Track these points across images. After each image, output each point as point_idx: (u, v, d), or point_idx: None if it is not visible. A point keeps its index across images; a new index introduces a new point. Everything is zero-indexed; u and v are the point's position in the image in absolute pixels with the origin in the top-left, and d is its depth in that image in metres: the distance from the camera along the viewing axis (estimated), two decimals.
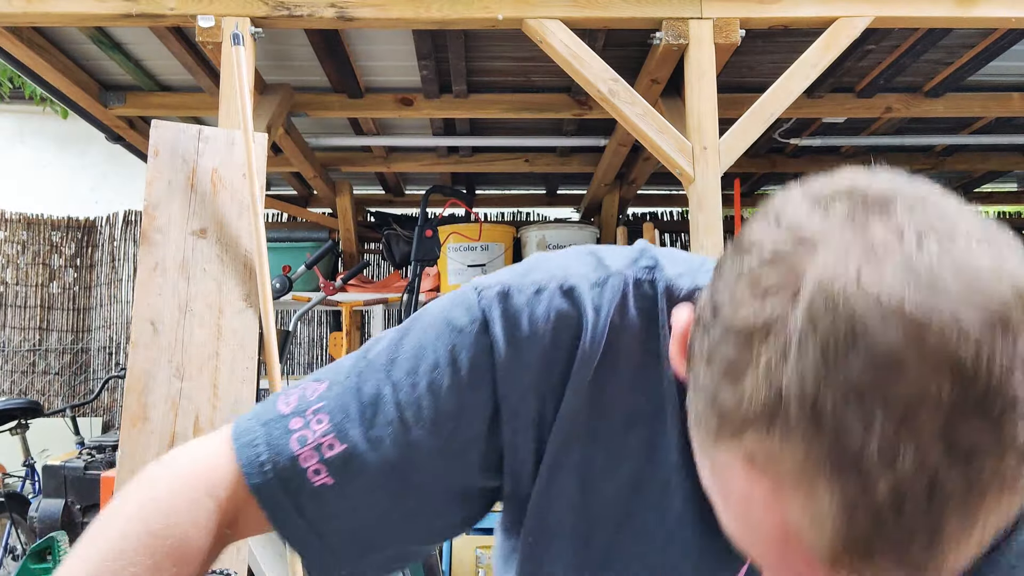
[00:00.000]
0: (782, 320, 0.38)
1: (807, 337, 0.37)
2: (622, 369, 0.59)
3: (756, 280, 0.41)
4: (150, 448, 2.10)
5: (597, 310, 0.59)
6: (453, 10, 2.59)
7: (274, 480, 0.58)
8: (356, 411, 0.59)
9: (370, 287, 4.41)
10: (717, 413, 0.41)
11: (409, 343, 0.61)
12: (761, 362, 0.39)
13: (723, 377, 0.41)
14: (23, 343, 6.02)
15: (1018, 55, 3.26)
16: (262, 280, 2.29)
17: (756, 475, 0.40)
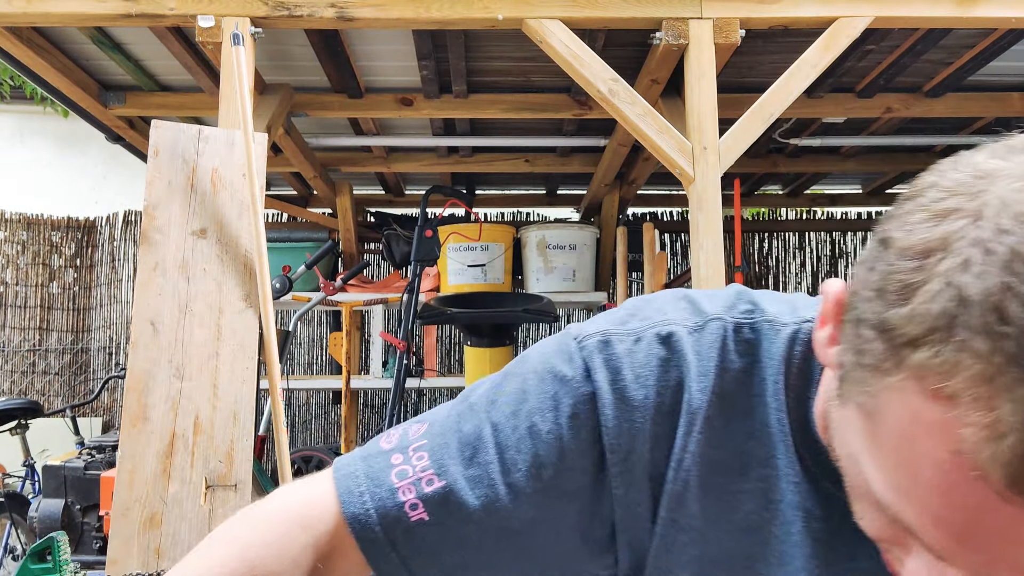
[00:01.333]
0: (963, 235, 0.38)
1: (992, 246, 0.37)
2: (730, 416, 0.58)
3: (932, 208, 0.40)
4: (150, 448, 2.10)
5: (699, 355, 0.59)
6: (453, 10, 2.59)
7: (372, 511, 0.58)
8: (456, 449, 0.59)
9: (370, 287, 4.41)
10: (885, 338, 0.40)
11: (510, 387, 0.61)
12: (939, 275, 0.38)
13: (895, 298, 0.39)
14: (23, 343, 6.02)
15: (1018, 55, 3.26)
16: (262, 280, 2.29)
17: (926, 397, 0.38)
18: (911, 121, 4.06)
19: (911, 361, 0.38)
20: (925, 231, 0.40)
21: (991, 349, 0.35)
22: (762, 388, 0.58)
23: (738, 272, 3.48)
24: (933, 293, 0.38)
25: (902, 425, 0.40)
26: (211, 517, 2.08)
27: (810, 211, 6.03)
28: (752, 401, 0.59)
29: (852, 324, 0.44)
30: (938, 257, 0.38)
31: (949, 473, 0.38)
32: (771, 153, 4.57)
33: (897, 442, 0.40)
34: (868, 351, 0.41)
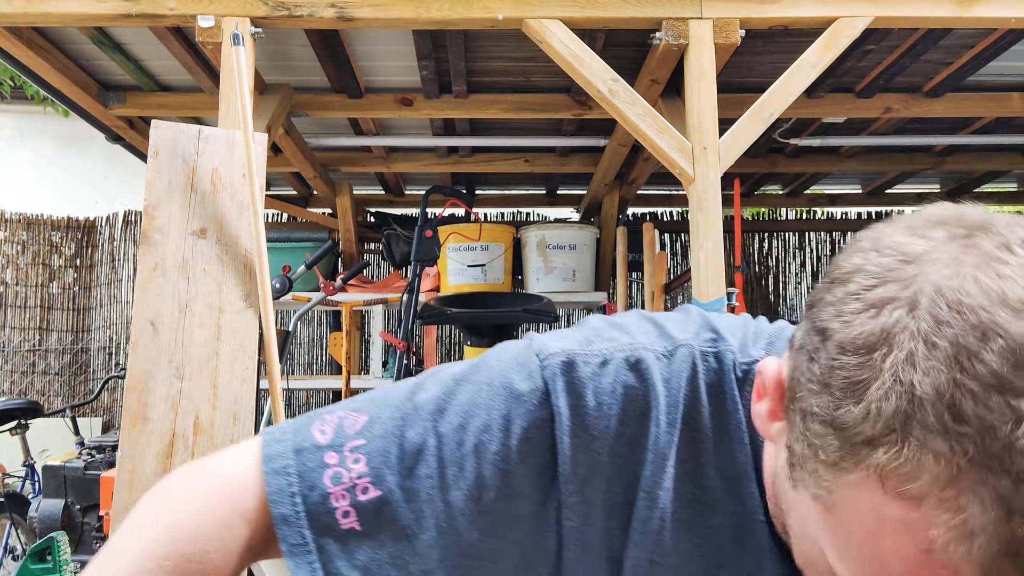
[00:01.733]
0: (903, 327, 0.38)
1: (935, 340, 0.36)
2: (699, 449, 0.56)
3: (866, 297, 0.40)
4: (150, 448, 2.10)
5: (668, 384, 0.56)
6: (453, 10, 2.59)
7: (302, 514, 0.55)
8: (396, 458, 0.56)
9: (370, 287, 4.41)
10: (840, 436, 0.39)
11: (462, 396, 0.58)
12: (886, 372, 0.37)
13: (844, 396, 0.39)
14: (23, 343, 6.02)
15: (1018, 55, 3.26)
16: (262, 280, 2.29)
17: (889, 498, 0.37)
18: (911, 121, 4.06)
19: (871, 461, 0.38)
20: (863, 323, 0.40)
21: (951, 450, 0.35)
22: (727, 421, 0.57)
23: (738, 272, 3.48)
24: (884, 391, 0.38)
25: (866, 522, 0.40)
26: None
27: (810, 211, 6.03)
28: (719, 435, 0.57)
29: (799, 415, 0.44)
30: (882, 352, 0.38)
31: (919, 570, 0.38)
32: (771, 153, 4.57)
33: (862, 537, 0.40)
34: (822, 447, 0.41)
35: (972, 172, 5.06)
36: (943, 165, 4.64)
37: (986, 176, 5.12)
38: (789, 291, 6.01)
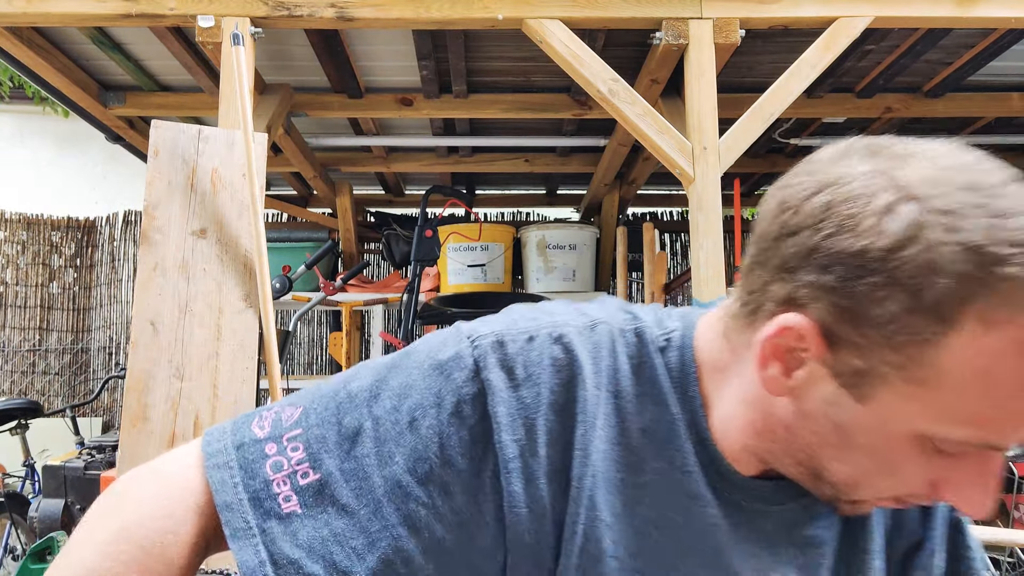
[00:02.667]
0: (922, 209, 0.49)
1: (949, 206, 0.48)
2: (624, 413, 0.62)
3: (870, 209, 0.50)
4: (150, 448, 2.10)
5: (592, 354, 0.62)
6: (453, 10, 2.59)
7: (244, 500, 0.58)
8: (334, 442, 0.59)
9: (370, 287, 4.41)
10: (931, 312, 0.48)
11: (395, 380, 0.61)
12: (940, 243, 0.48)
13: (921, 278, 0.48)
14: (23, 343, 6.02)
15: (1018, 55, 3.26)
16: (262, 280, 2.29)
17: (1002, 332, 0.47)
18: (911, 121, 4.05)
19: (972, 306, 0.47)
20: (890, 224, 0.49)
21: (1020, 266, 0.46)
22: (649, 388, 0.63)
23: (738, 272, 3.48)
24: (951, 253, 0.47)
25: (985, 368, 0.48)
26: None
27: None
28: (642, 400, 0.62)
29: (865, 332, 0.51)
30: (925, 232, 0.48)
31: None
32: (771, 153, 4.57)
33: (987, 384, 0.48)
34: (909, 334, 0.49)
35: None
36: None
37: None
38: None
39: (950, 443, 0.52)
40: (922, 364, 0.49)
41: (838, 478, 0.57)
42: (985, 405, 0.49)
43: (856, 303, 0.50)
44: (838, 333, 0.52)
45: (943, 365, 0.49)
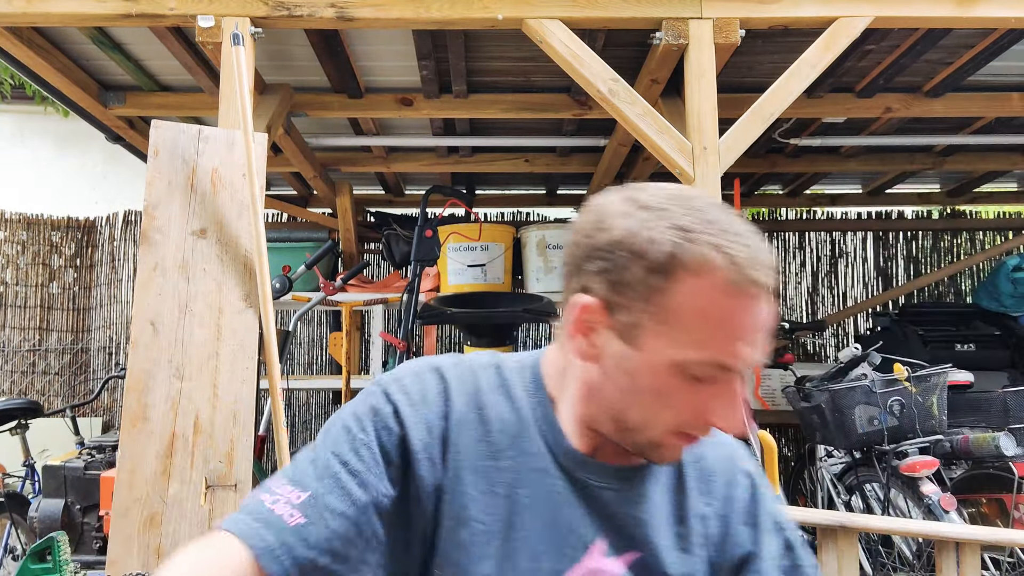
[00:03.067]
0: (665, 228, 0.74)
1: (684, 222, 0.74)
2: (484, 417, 0.86)
3: (647, 235, 0.74)
4: (150, 448, 2.10)
5: (459, 379, 0.88)
6: (453, 10, 2.59)
7: (259, 527, 0.76)
8: (308, 469, 0.82)
9: (370, 287, 4.41)
10: (659, 275, 0.73)
11: (336, 425, 0.85)
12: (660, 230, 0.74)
13: (652, 259, 0.74)
14: (23, 343, 6.02)
15: (1018, 55, 3.26)
16: (262, 280, 2.29)
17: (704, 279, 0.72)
18: (911, 121, 4.06)
19: (680, 267, 0.72)
20: (625, 224, 0.75)
21: (712, 247, 0.72)
22: (507, 398, 0.88)
23: None
24: (666, 235, 0.73)
25: (697, 303, 0.72)
26: (211, 517, 2.08)
27: (810, 211, 6.03)
28: (501, 407, 0.87)
29: (632, 300, 0.75)
30: (649, 223, 0.74)
31: (740, 299, 0.72)
32: (771, 153, 4.57)
33: (702, 315, 0.73)
34: (656, 293, 0.73)
35: (972, 172, 5.06)
36: (943, 165, 4.63)
37: (986, 176, 5.12)
38: (789, 291, 6.01)
39: (695, 366, 0.74)
40: (661, 308, 0.73)
41: (635, 422, 0.79)
42: (706, 331, 0.73)
43: (616, 276, 0.75)
44: (612, 301, 0.76)
45: (672, 306, 0.73)
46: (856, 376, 3.26)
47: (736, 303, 0.72)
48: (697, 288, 0.72)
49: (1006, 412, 3.23)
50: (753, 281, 0.72)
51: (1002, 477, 3.07)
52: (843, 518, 2.34)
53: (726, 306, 0.72)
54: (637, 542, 0.84)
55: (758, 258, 0.73)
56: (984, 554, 2.82)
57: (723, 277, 0.71)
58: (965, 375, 3.45)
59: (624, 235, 0.74)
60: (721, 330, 0.73)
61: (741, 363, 0.74)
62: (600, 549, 0.83)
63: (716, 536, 0.88)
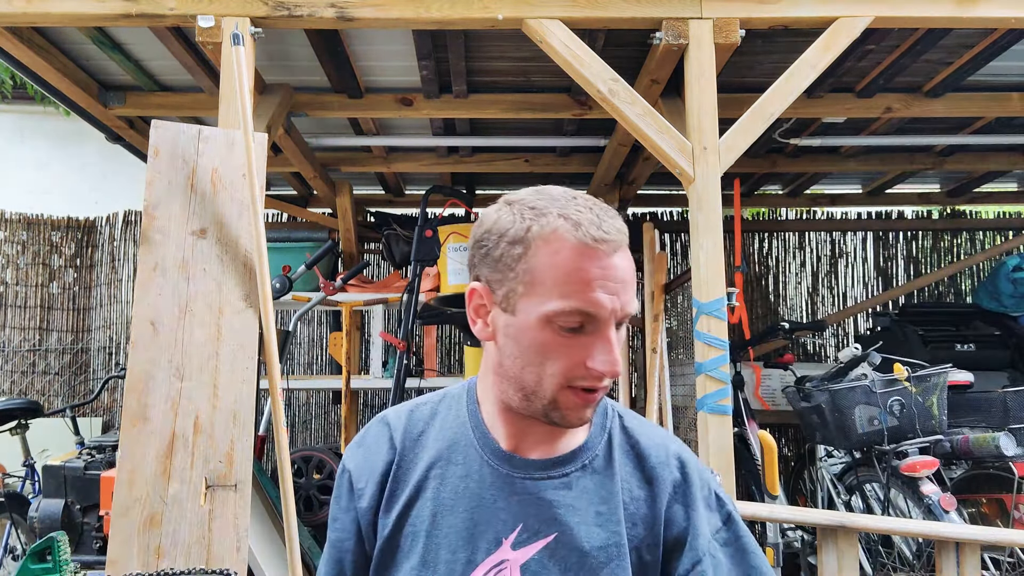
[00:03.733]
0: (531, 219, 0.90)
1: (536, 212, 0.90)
2: (434, 439, 1.01)
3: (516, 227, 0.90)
4: (150, 448, 2.10)
5: (405, 421, 1.04)
6: (453, 10, 2.59)
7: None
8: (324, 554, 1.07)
9: (370, 287, 4.41)
10: (520, 247, 0.89)
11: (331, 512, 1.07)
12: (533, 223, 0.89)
13: (512, 240, 0.90)
14: (23, 343, 6.02)
15: (1018, 55, 3.26)
16: (262, 280, 2.29)
17: (552, 244, 0.87)
18: (911, 121, 4.05)
19: (534, 236, 0.88)
20: (493, 214, 0.92)
21: (558, 217, 0.88)
22: (454, 418, 1.02)
23: (738, 272, 3.48)
24: (523, 214, 0.89)
25: (553, 262, 0.86)
26: (211, 517, 2.08)
27: (810, 211, 6.03)
28: (445, 428, 1.01)
29: (507, 275, 0.89)
30: (510, 209, 0.92)
31: (588, 253, 0.85)
32: (771, 153, 4.57)
33: (557, 271, 0.86)
34: (521, 263, 0.88)
35: (972, 172, 5.06)
36: (943, 165, 4.63)
37: (986, 176, 5.12)
38: (789, 291, 6.01)
39: (561, 316, 0.85)
40: (526, 272, 0.87)
41: (530, 383, 0.89)
42: (564, 284, 0.85)
43: (490, 257, 0.90)
44: (491, 279, 0.91)
45: (534, 269, 0.86)
46: (856, 376, 3.26)
47: (584, 257, 0.85)
48: (551, 250, 0.86)
49: (1006, 412, 3.23)
50: (597, 238, 0.85)
51: (1002, 477, 3.07)
52: (843, 518, 2.34)
53: (576, 260, 0.85)
54: (554, 524, 0.92)
55: (602, 220, 0.87)
56: (984, 554, 2.82)
57: (571, 237, 0.86)
58: (965, 375, 3.45)
59: (492, 223, 0.91)
60: (576, 281, 0.85)
61: (602, 309, 0.85)
62: (511, 541, 0.92)
63: (647, 516, 0.94)
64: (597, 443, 0.98)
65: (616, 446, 0.98)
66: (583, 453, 0.96)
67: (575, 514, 0.92)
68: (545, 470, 0.95)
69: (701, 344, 2.56)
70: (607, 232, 0.86)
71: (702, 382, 2.55)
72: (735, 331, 3.50)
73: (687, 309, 3.63)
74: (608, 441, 0.99)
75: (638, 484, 0.96)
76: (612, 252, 0.86)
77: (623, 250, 0.88)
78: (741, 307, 3.53)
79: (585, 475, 0.95)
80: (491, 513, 0.93)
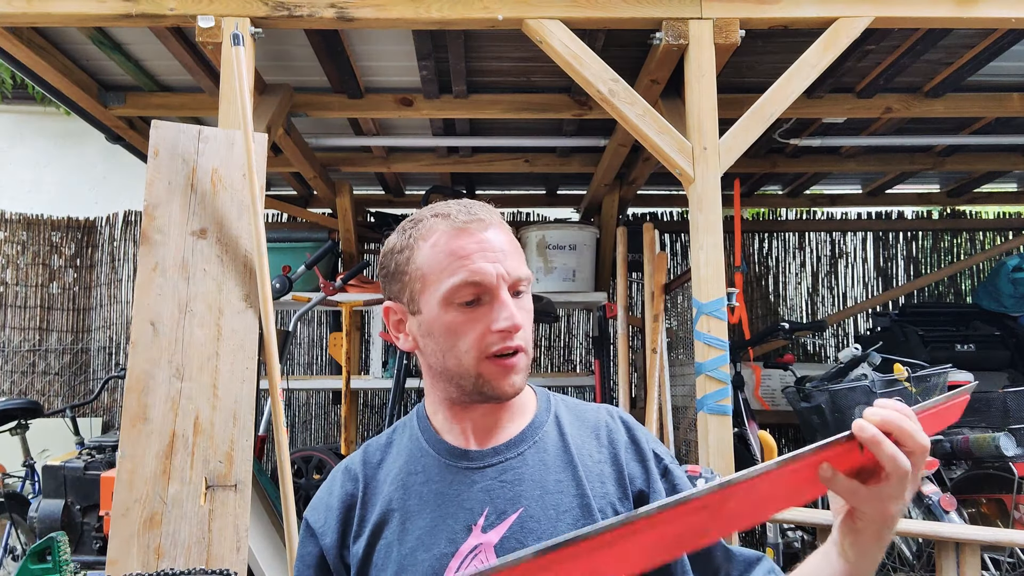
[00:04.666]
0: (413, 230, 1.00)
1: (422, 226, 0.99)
2: (398, 458, 1.04)
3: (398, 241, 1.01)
4: (150, 448, 2.10)
5: (358, 460, 1.06)
6: (453, 10, 2.59)
7: None
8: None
9: (370, 287, 4.41)
10: (405, 256, 0.98)
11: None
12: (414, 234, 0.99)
13: (400, 255, 0.99)
14: (23, 343, 6.02)
15: (1018, 55, 3.26)
16: (262, 280, 2.29)
17: (433, 240, 0.96)
18: (911, 121, 4.06)
19: (417, 238, 0.97)
20: (389, 236, 1.03)
21: (440, 218, 0.97)
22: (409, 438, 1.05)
23: (738, 272, 3.48)
24: (410, 225, 1.00)
25: (434, 252, 0.95)
26: (211, 517, 2.08)
27: (810, 211, 6.03)
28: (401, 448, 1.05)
29: (410, 286, 0.97)
30: (403, 225, 1.02)
31: (462, 233, 0.94)
32: (771, 153, 4.57)
33: (439, 255, 0.94)
34: (404, 260, 0.98)
35: (972, 172, 5.06)
36: (943, 165, 4.64)
37: (986, 176, 5.12)
38: (789, 291, 6.01)
39: (454, 291, 0.92)
40: (416, 269, 0.96)
41: (454, 367, 0.95)
42: (447, 264, 0.93)
43: (388, 273, 1.00)
44: (394, 292, 1.00)
45: (421, 264, 0.95)
46: (856, 376, 3.26)
47: (458, 237, 0.94)
48: (430, 243, 0.95)
49: (1006, 412, 3.23)
50: (466, 220, 0.94)
51: (1002, 477, 3.07)
52: None
53: (452, 242, 0.93)
54: (519, 500, 0.96)
55: (472, 208, 0.96)
56: (984, 554, 2.82)
57: (445, 227, 0.95)
58: (965, 375, 3.45)
59: (387, 247, 1.01)
60: (457, 258, 0.93)
61: (487, 276, 0.92)
62: (480, 525, 0.95)
63: (613, 474, 1.00)
64: (544, 420, 1.03)
65: (564, 420, 1.04)
66: (533, 431, 1.01)
67: (536, 487, 0.96)
68: (500, 454, 0.99)
69: (701, 344, 2.56)
70: (474, 214, 0.95)
71: (702, 382, 2.55)
72: (735, 331, 3.50)
73: (687, 309, 3.63)
74: (556, 418, 1.04)
75: (596, 448, 1.02)
76: (484, 229, 0.94)
77: (496, 227, 0.96)
78: (741, 307, 3.53)
79: (538, 450, 1.00)
80: (456, 505, 0.96)
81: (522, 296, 0.97)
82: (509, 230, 0.99)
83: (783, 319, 5.60)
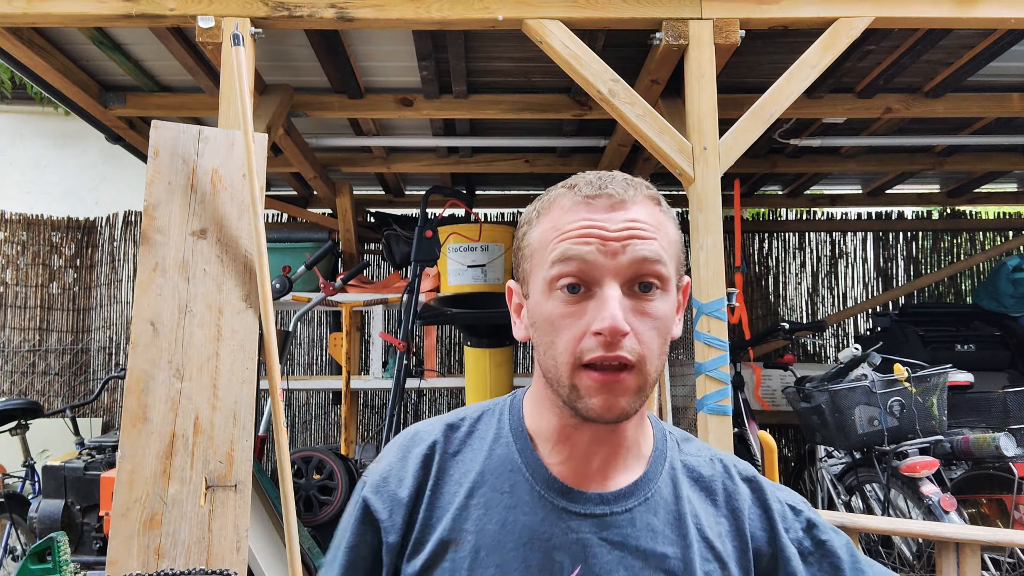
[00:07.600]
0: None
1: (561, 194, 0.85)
2: (475, 460, 0.89)
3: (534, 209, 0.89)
4: (150, 448, 2.10)
5: (443, 434, 0.93)
6: (453, 10, 2.59)
7: None
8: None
9: (370, 287, 4.41)
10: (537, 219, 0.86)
11: (338, 533, 0.93)
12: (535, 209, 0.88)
13: (528, 225, 0.88)
14: (23, 343, 6.02)
15: (1018, 55, 3.26)
16: (262, 280, 2.29)
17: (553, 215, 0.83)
18: (911, 121, 4.06)
19: (540, 214, 0.86)
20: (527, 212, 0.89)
21: (569, 190, 0.83)
22: (490, 443, 0.90)
23: (738, 272, 3.48)
24: (538, 201, 0.88)
25: (547, 226, 0.83)
26: (211, 517, 2.08)
27: (810, 211, 6.03)
28: (474, 450, 0.90)
29: (519, 265, 0.88)
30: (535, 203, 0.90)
31: (579, 205, 0.81)
32: (771, 153, 4.57)
33: (552, 230, 0.81)
34: (522, 245, 0.88)
35: (972, 172, 5.06)
36: (943, 165, 4.63)
37: (986, 176, 5.12)
38: (789, 291, 6.01)
39: (554, 272, 0.79)
40: (528, 245, 0.85)
41: (552, 369, 0.80)
42: (549, 239, 0.81)
43: (515, 245, 0.90)
44: (517, 272, 0.89)
45: (532, 240, 0.84)
46: (856, 376, 3.26)
47: (577, 210, 0.80)
48: (549, 217, 0.82)
49: (1006, 412, 3.23)
50: (591, 194, 0.80)
51: (1002, 477, 3.07)
52: (843, 518, 2.34)
53: (567, 215, 0.80)
54: (615, 570, 0.82)
55: (605, 180, 0.81)
56: (984, 554, 2.82)
57: (567, 200, 0.82)
58: (965, 375, 3.45)
59: (520, 220, 0.90)
60: (562, 232, 0.79)
61: (589, 255, 0.77)
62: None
63: (736, 550, 0.86)
64: (658, 471, 0.88)
65: (680, 475, 0.89)
66: (646, 484, 0.86)
67: (638, 557, 0.82)
68: (607, 504, 0.84)
69: (701, 344, 2.56)
70: (603, 188, 0.80)
71: (702, 382, 2.55)
72: (735, 331, 3.50)
73: (687, 309, 3.63)
74: (671, 469, 0.89)
75: (716, 520, 0.87)
76: (610, 207, 0.79)
77: (632, 206, 0.79)
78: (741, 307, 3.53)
79: (648, 510, 0.85)
80: (544, 552, 0.81)
81: (652, 297, 0.79)
82: (657, 213, 0.82)
83: (783, 319, 5.61)
